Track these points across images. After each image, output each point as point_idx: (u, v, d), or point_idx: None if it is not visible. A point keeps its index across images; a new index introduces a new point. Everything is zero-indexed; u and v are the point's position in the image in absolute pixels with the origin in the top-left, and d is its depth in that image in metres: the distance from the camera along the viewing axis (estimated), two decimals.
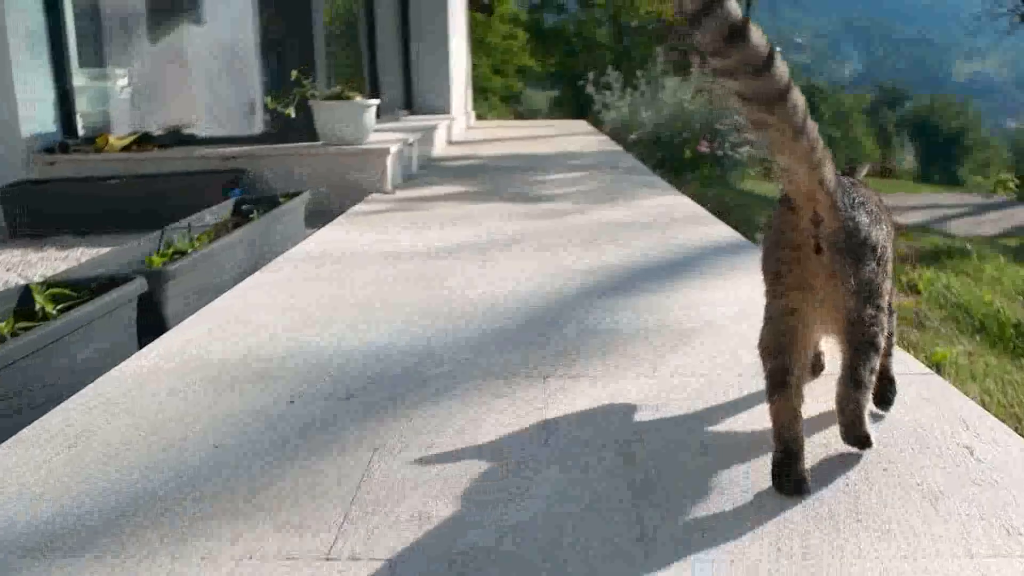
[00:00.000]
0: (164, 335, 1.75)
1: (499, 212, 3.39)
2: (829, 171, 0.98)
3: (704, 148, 6.84)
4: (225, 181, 3.81)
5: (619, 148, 6.90)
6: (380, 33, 7.14)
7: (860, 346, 1.04)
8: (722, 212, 4.23)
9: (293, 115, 3.97)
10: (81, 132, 4.50)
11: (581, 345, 1.65)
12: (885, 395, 1.27)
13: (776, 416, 1.06)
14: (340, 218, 3.33)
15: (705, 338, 1.67)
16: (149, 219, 2.98)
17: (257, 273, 2.36)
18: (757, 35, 0.88)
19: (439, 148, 6.42)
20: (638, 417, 1.29)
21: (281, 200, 3.00)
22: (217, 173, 3.87)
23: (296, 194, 3.08)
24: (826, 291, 1.02)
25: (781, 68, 0.90)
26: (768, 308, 1.10)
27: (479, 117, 13.77)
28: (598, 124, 9.75)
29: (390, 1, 7.82)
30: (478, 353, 1.61)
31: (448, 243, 2.74)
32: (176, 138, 4.41)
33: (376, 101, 4.22)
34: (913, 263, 3.82)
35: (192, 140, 4.48)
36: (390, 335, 1.74)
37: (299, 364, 1.57)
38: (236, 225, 2.77)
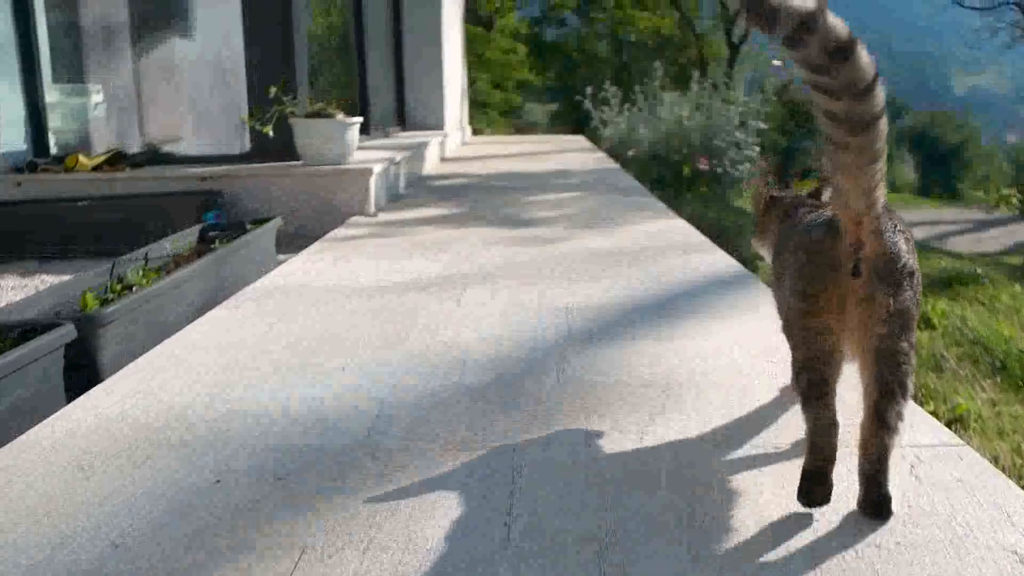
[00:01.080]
0: (88, 393, 1.55)
1: (482, 238, 3.20)
2: (882, 196, 0.96)
3: (703, 165, 6.67)
4: (200, 203, 3.62)
5: (615, 165, 6.72)
6: (371, 48, 6.97)
7: (890, 384, 1.00)
8: (720, 235, 4.03)
9: (271, 134, 3.79)
10: (54, 150, 4.33)
11: (559, 403, 1.45)
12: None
13: (814, 425, 1.03)
14: (315, 245, 3.14)
15: (700, 396, 1.47)
16: (119, 243, 2.80)
17: (213, 311, 2.17)
18: (865, 56, 0.85)
19: (430, 165, 6.24)
20: (620, 499, 1.09)
21: (249, 227, 2.80)
22: (191, 195, 3.69)
23: (265, 220, 2.89)
24: (859, 317, 0.99)
25: (880, 93, 0.88)
26: (799, 328, 1.05)
27: (477, 132, 13.63)
28: (595, 140, 9.58)
29: (382, 15, 7.67)
30: (440, 415, 1.41)
31: (424, 275, 2.55)
32: (151, 157, 4.23)
33: (359, 119, 4.04)
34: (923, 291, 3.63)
35: (168, 159, 4.30)
36: (342, 391, 1.54)
37: (232, 430, 1.37)
38: (200, 254, 2.58)
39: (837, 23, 0.84)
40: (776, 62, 9.05)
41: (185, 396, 1.52)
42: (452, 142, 8.08)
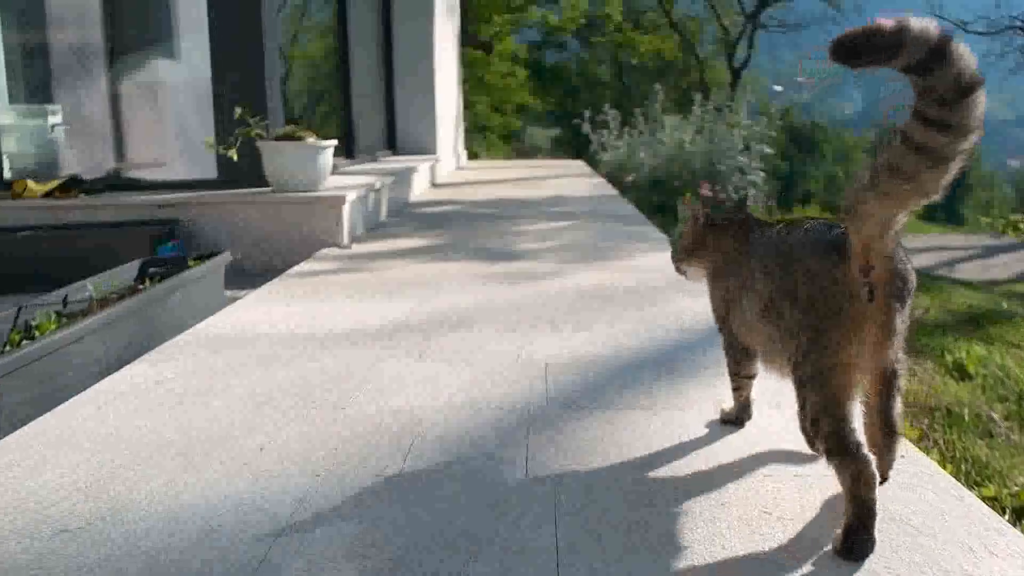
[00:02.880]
0: None
1: (463, 274, 2.87)
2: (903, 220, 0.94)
3: (706, 191, 6.35)
4: (154, 234, 3.30)
5: (614, 192, 6.41)
6: (360, 70, 6.70)
7: (893, 392, 1.06)
8: None
9: (235, 158, 3.48)
10: (7, 174, 4.03)
11: (522, 514, 1.11)
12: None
13: (854, 480, 0.97)
14: (274, 282, 2.81)
15: (713, 502, 1.13)
16: (64, 278, 2.47)
17: (130, 366, 1.83)
18: (983, 95, 0.82)
19: (418, 192, 5.93)
20: None
21: (191, 263, 2.48)
22: (145, 224, 3.37)
23: (210, 255, 2.56)
24: (875, 339, 0.99)
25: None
26: (811, 368, 1.01)
27: (474, 156, 13.37)
28: (595, 165, 9.29)
29: (372, 37, 7.41)
30: (362, 535, 1.07)
31: (388, 319, 2.21)
32: (108, 183, 3.92)
33: (332, 142, 3.73)
34: (948, 329, 3.28)
35: (129, 185, 3.99)
36: (253, 483, 1.20)
37: (71, 569, 1.02)
38: (135, 294, 2.25)
39: (966, 53, 0.79)
40: (777, 87, 8.79)
41: (28, 510, 1.18)
42: (445, 167, 7.79)
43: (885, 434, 1.07)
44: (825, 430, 0.99)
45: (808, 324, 0.99)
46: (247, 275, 3.45)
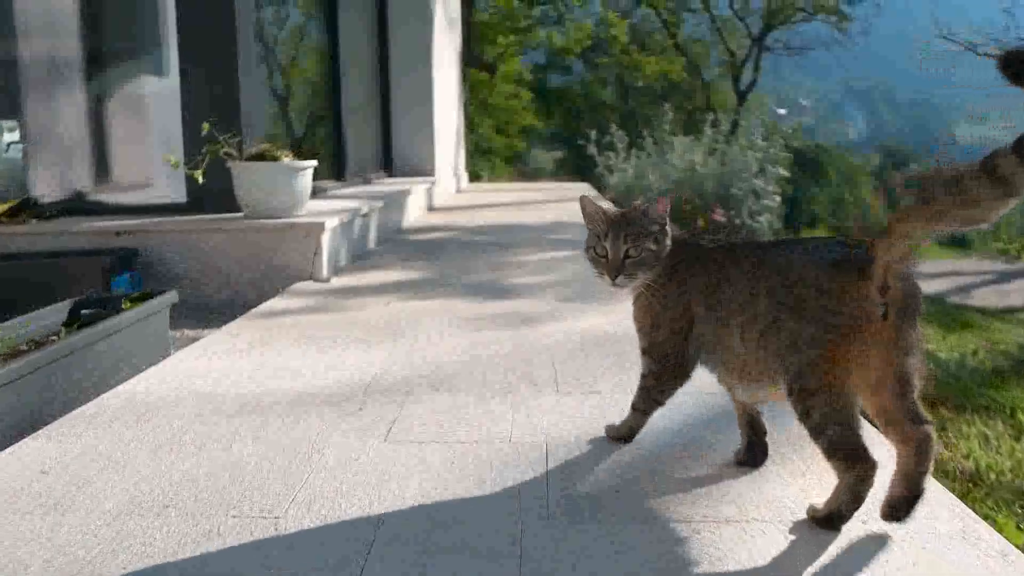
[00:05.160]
0: None
1: (450, 316, 2.48)
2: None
3: (719, 217, 5.98)
4: (109, 264, 2.93)
5: None
6: (353, 87, 6.37)
7: (908, 392, 1.04)
8: None
9: (200, 179, 3.11)
10: None
11: None
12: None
13: (859, 479, 1.04)
14: (233, 324, 2.43)
15: None
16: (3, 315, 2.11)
17: (15, 445, 1.45)
18: None
19: (413, 216, 5.57)
20: None
21: (126, 305, 2.09)
22: (99, 254, 3.00)
23: (148, 296, 2.18)
24: (885, 356, 1.01)
25: None
26: (819, 380, 1.03)
27: (476, 178, 13.05)
28: (600, 187, 8.94)
29: (366, 53, 7.08)
30: None
31: (355, 378, 1.83)
32: (67, 207, 3.56)
33: (311, 163, 3.36)
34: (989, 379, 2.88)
35: (87, 209, 3.63)
36: None
37: None
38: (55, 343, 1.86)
39: None
40: (781, 111, 8.42)
41: None
42: (443, 189, 7.43)
43: (912, 421, 1.03)
44: (833, 436, 1.03)
45: (820, 339, 1.02)
46: (214, 311, 3.08)
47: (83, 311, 2.18)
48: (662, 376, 1.28)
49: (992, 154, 0.84)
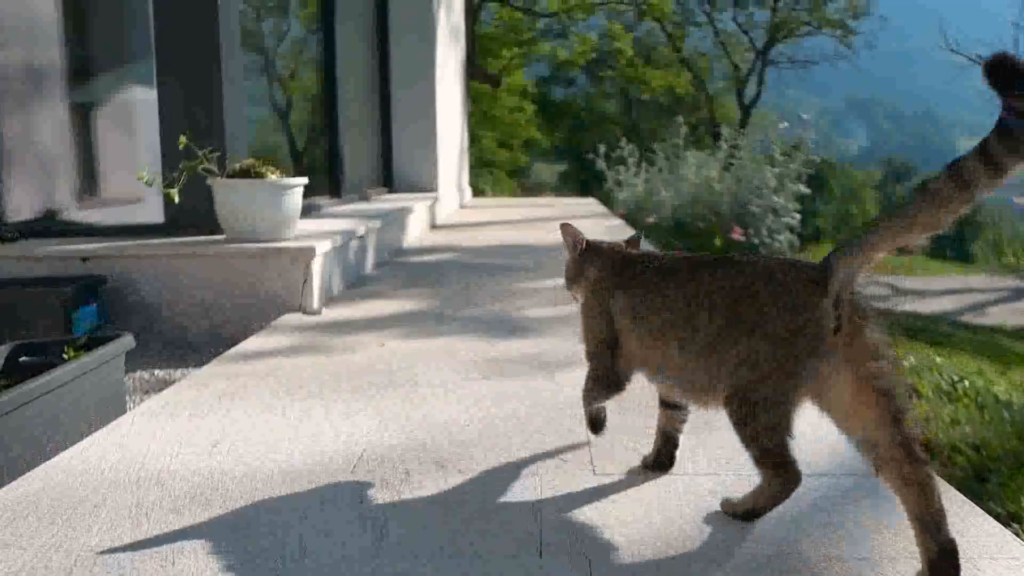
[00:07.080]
0: None
1: (453, 360, 2.14)
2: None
3: (738, 235, 5.65)
4: (71, 294, 2.60)
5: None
6: (351, 100, 6.06)
7: (896, 415, 0.99)
8: None
9: (175, 199, 2.79)
10: None
11: None
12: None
13: (783, 486, 1.09)
14: (203, 370, 2.09)
15: None
16: None
17: None
18: None
19: (414, 235, 5.24)
20: None
21: (67, 355, 1.76)
22: (57, 283, 2.66)
23: (98, 342, 1.83)
24: (854, 368, 1.01)
25: None
26: (768, 392, 1.05)
27: (478, 193, 12.73)
28: (608, 203, 8.61)
29: (366, 63, 6.78)
30: None
31: (337, 449, 1.49)
32: (29, 228, 3.23)
33: (301, 180, 3.03)
34: None
35: (55, 231, 3.30)
36: None
37: None
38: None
39: None
40: (783, 125, 8.13)
41: None
42: (446, 206, 7.10)
43: (911, 463, 0.97)
44: (768, 445, 1.06)
45: (775, 355, 1.03)
46: (190, 348, 2.75)
47: (21, 359, 1.84)
48: (596, 382, 1.32)
49: (956, 161, 0.89)
